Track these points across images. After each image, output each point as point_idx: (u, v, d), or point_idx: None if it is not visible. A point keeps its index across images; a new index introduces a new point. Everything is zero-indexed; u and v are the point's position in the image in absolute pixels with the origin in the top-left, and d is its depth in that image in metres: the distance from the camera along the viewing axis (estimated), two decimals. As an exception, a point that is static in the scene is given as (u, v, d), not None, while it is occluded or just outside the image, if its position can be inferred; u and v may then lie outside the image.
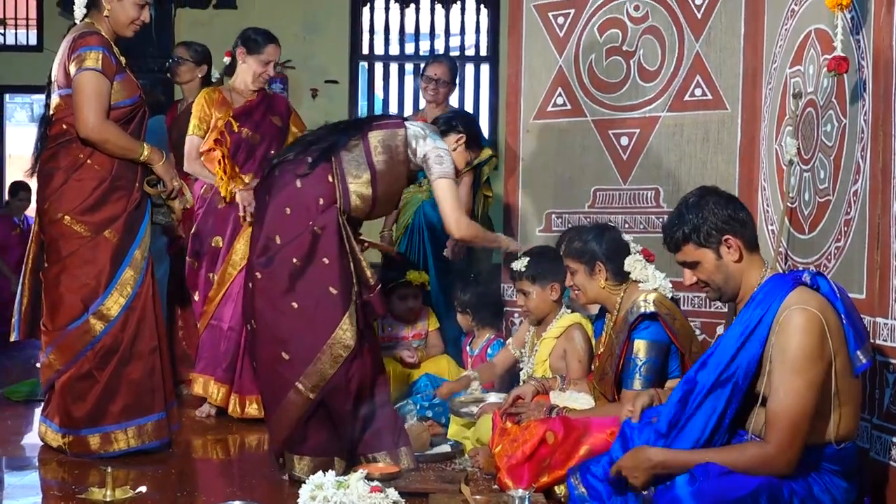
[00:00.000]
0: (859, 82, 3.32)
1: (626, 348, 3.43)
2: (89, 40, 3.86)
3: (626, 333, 3.43)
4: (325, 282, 3.60)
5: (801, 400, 2.58)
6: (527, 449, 3.33)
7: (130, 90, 3.96)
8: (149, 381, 3.96)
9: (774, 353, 2.63)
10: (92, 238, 3.87)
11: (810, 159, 3.69)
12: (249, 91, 4.95)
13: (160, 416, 3.98)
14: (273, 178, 3.76)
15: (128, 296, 3.90)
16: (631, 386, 3.37)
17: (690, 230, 2.84)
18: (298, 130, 5.00)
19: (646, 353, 3.38)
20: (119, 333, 3.89)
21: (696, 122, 4.65)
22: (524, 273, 4.11)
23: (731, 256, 2.82)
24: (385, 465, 3.64)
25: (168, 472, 3.80)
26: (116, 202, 3.91)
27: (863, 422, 3.19)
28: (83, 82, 3.82)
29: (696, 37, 4.66)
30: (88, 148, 3.87)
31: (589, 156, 4.98)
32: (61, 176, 3.87)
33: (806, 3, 3.83)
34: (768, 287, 2.74)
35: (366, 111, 8.89)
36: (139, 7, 3.96)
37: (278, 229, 3.65)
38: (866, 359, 2.69)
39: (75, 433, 3.90)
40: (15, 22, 9.08)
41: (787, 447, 2.59)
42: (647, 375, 3.37)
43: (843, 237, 3.39)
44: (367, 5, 8.80)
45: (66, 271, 3.87)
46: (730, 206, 2.85)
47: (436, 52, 8.86)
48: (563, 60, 5.07)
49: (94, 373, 3.88)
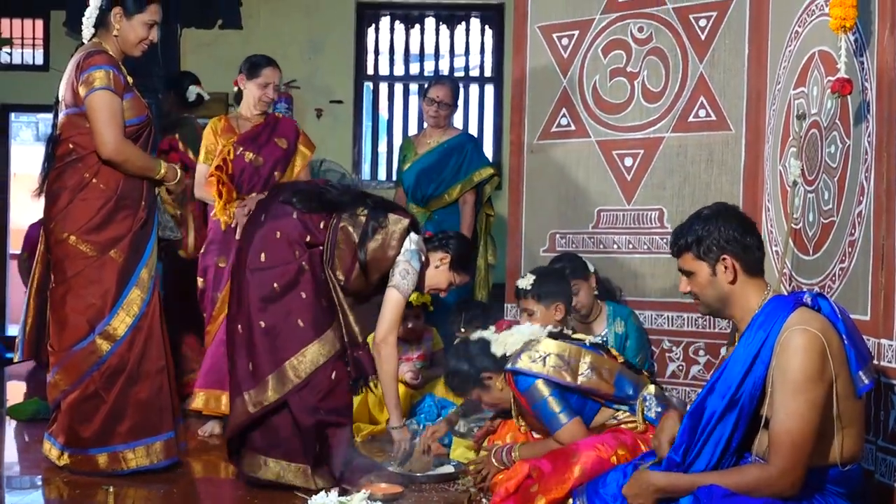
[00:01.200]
0: (863, 104, 3.32)
1: (525, 402, 3.53)
2: (97, 59, 3.86)
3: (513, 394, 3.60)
4: (296, 313, 3.71)
5: (803, 421, 2.57)
6: (510, 486, 3.33)
7: (138, 109, 3.97)
8: (157, 400, 3.94)
9: (776, 374, 2.62)
10: (98, 258, 3.86)
11: (814, 180, 3.69)
12: (255, 116, 5.02)
13: (169, 436, 3.97)
14: (273, 201, 3.87)
15: (135, 315, 3.89)
16: (558, 425, 3.44)
17: (693, 240, 2.85)
18: (308, 151, 5.09)
19: (542, 393, 3.45)
20: (126, 353, 3.88)
21: (700, 142, 4.66)
22: (529, 292, 4.11)
23: (725, 276, 2.82)
24: (388, 486, 3.63)
25: (170, 492, 3.78)
26: (122, 221, 3.90)
27: (867, 444, 3.18)
28: (98, 102, 3.82)
29: (700, 58, 4.68)
30: (94, 167, 3.87)
31: (593, 176, 4.99)
32: (67, 196, 3.86)
33: (810, 24, 3.84)
34: (769, 309, 2.73)
35: (370, 131, 8.92)
36: (148, 27, 3.97)
37: (266, 248, 3.75)
38: (869, 379, 2.68)
39: (82, 452, 3.89)
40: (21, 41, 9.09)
41: (790, 469, 2.58)
42: (562, 408, 3.44)
43: (848, 258, 3.39)
44: (372, 26, 8.83)
45: (72, 291, 3.86)
46: (739, 228, 2.84)
47: (440, 72, 8.89)
48: (567, 81, 5.08)
49: (100, 393, 3.86)
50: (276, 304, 3.71)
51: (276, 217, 3.80)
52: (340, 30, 8.64)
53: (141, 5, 3.93)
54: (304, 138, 5.12)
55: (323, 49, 8.53)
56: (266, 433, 3.76)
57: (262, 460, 3.75)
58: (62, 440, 3.92)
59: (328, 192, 3.90)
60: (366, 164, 8.86)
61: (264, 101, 4.99)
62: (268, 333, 3.71)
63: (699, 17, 4.70)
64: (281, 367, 3.67)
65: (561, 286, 4.12)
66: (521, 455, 3.51)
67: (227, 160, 4.85)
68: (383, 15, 8.85)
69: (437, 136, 5.78)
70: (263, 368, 3.69)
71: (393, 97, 8.93)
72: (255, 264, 3.75)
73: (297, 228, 3.78)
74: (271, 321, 3.71)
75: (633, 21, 4.89)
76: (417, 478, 3.86)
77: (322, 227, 3.80)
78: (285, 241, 3.75)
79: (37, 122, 17.10)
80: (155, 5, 3.98)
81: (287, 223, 3.78)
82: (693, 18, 4.72)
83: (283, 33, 8.44)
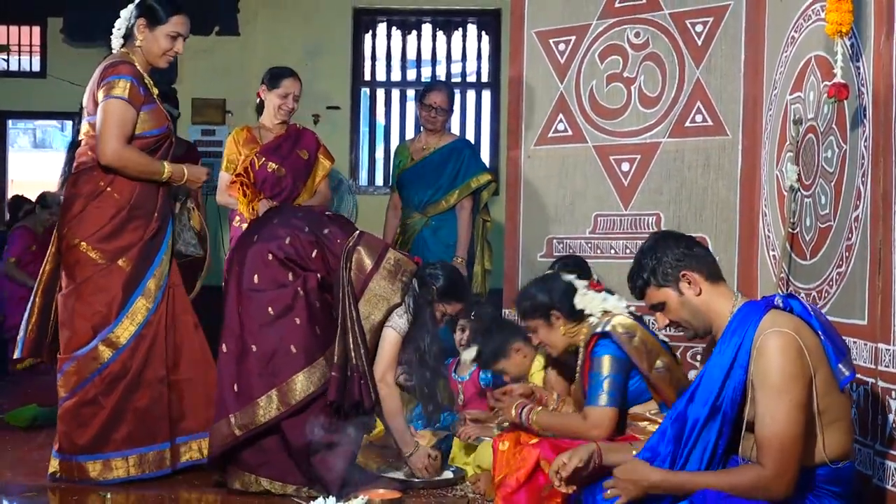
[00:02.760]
0: (859, 109, 3.33)
1: (588, 367, 3.42)
2: (120, 69, 3.91)
3: (585, 354, 3.46)
4: (289, 339, 3.74)
5: (789, 422, 2.57)
6: (521, 476, 3.29)
7: (158, 120, 4.01)
8: (155, 409, 3.96)
9: (756, 379, 2.63)
10: (106, 266, 3.89)
11: (811, 185, 3.70)
12: (276, 126, 5.10)
13: (163, 447, 3.98)
14: (267, 223, 3.95)
15: (138, 324, 3.92)
16: (596, 402, 3.33)
17: (648, 274, 2.88)
18: (329, 162, 5.20)
19: (608, 369, 3.35)
20: (128, 360, 3.90)
21: (697, 148, 4.66)
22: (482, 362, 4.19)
23: (691, 291, 2.84)
24: (386, 492, 3.62)
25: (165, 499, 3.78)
26: (133, 231, 3.94)
27: (865, 448, 3.18)
28: (108, 110, 3.86)
29: (697, 63, 4.69)
30: (109, 176, 3.91)
31: (590, 181, 4.99)
32: (81, 202, 3.91)
33: (806, 30, 3.85)
34: (741, 314, 2.75)
35: (367, 137, 8.92)
36: (171, 38, 4.02)
37: (258, 270, 3.81)
38: (849, 371, 2.69)
39: (73, 459, 3.89)
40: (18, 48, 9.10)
41: (782, 471, 2.57)
42: (611, 391, 3.33)
43: (845, 263, 3.39)
44: (369, 31, 8.84)
45: (79, 297, 3.90)
46: (681, 244, 2.89)
47: (437, 78, 8.89)
48: (563, 86, 5.09)
49: (99, 399, 3.88)
50: (271, 328, 3.74)
51: (266, 239, 3.86)
52: (337, 36, 8.65)
53: (164, 17, 4.00)
54: (323, 150, 5.22)
55: (320, 55, 8.54)
56: (256, 453, 3.77)
57: (253, 479, 3.77)
58: (57, 447, 3.91)
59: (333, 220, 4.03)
60: (363, 170, 8.87)
61: (284, 111, 5.07)
62: (260, 357, 3.73)
63: (695, 22, 4.71)
64: (269, 392, 3.69)
65: (503, 338, 4.11)
66: (538, 421, 3.44)
67: (249, 169, 4.93)
68: (380, 21, 8.86)
69: (433, 142, 5.78)
70: (252, 392, 3.71)
71: (390, 103, 8.94)
72: (249, 284, 3.80)
73: (287, 252, 3.82)
74: (264, 345, 3.73)
75: (629, 26, 4.90)
76: (416, 484, 3.86)
77: (314, 255, 3.85)
78: (276, 264, 3.80)
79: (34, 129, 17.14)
80: (179, 17, 4.03)
81: (278, 245, 3.83)
82: (689, 24, 4.72)
83: (280, 39, 8.45)
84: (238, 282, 3.82)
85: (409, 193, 5.75)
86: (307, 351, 3.74)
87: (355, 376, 3.74)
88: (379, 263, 3.86)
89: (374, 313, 3.86)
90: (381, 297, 3.85)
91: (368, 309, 3.85)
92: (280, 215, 4.04)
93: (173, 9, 4.02)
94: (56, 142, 16.05)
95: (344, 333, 3.76)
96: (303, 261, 3.84)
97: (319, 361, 3.75)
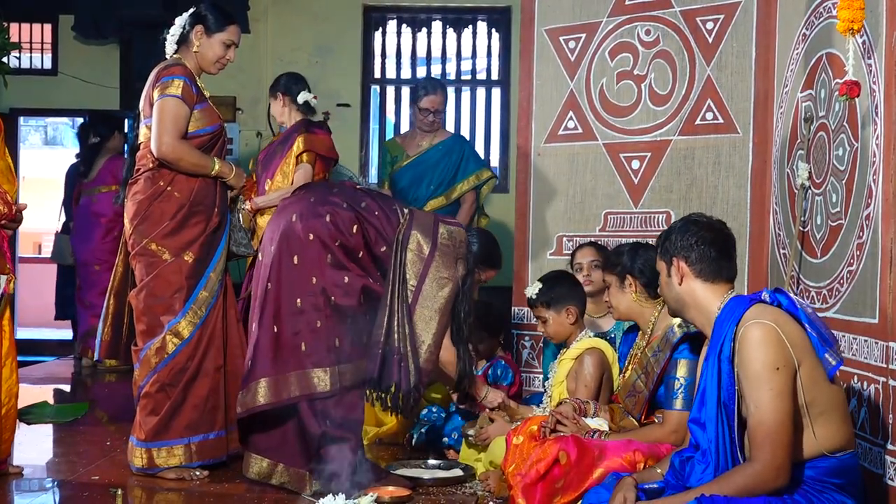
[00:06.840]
0: (871, 106, 3.32)
1: (667, 367, 3.41)
2: (173, 70, 4.07)
3: (667, 353, 3.42)
4: (304, 334, 3.72)
5: (771, 410, 2.58)
6: (541, 468, 3.28)
7: (210, 119, 4.16)
8: (213, 398, 4.10)
9: (740, 371, 2.66)
10: (173, 261, 4.04)
11: (822, 183, 3.69)
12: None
13: (220, 434, 4.12)
14: (304, 200, 3.90)
15: (201, 316, 4.06)
16: (672, 406, 3.35)
17: (661, 240, 2.99)
18: (305, 146, 5.14)
19: (688, 373, 3.35)
20: (192, 351, 4.04)
21: (708, 145, 4.66)
22: (538, 299, 4.10)
23: (674, 277, 2.90)
24: (396, 489, 3.63)
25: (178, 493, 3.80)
26: (195, 226, 4.08)
27: (875, 447, 3.17)
28: (163, 107, 4.01)
29: (708, 61, 4.68)
30: (169, 176, 4.06)
31: (600, 179, 4.99)
32: (145, 203, 4.05)
33: (817, 27, 3.84)
34: (728, 309, 2.78)
35: (377, 134, 8.93)
36: (226, 46, 4.19)
37: (299, 252, 3.75)
38: (836, 360, 2.69)
39: (148, 446, 4.02)
40: (30, 46, 9.13)
41: (771, 459, 2.57)
42: (687, 395, 3.34)
43: (856, 261, 3.38)
44: (379, 29, 8.85)
45: (150, 292, 4.05)
46: (703, 237, 2.88)
47: (447, 76, 8.89)
48: (574, 84, 5.09)
49: (166, 388, 4.02)
50: (294, 318, 3.72)
51: (307, 218, 3.79)
52: (347, 34, 8.67)
53: (221, 25, 4.17)
54: (307, 137, 5.18)
55: (330, 53, 8.56)
56: (268, 435, 3.79)
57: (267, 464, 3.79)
58: (136, 435, 4.06)
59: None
60: (373, 168, 8.87)
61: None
62: (274, 340, 3.72)
63: (706, 19, 4.70)
64: (277, 377, 3.69)
65: (569, 289, 4.09)
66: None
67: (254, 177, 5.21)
68: (390, 18, 8.87)
69: (428, 139, 5.81)
70: (256, 371, 3.72)
71: (400, 100, 8.95)
72: (288, 265, 3.76)
73: (329, 231, 3.76)
74: (283, 330, 3.72)
75: (640, 24, 4.90)
76: (425, 481, 3.87)
77: (355, 230, 3.79)
78: (318, 244, 3.74)
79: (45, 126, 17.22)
80: (234, 27, 4.22)
81: (321, 224, 3.77)
82: (700, 21, 4.72)
83: (291, 37, 8.47)
84: (279, 261, 3.77)
85: (407, 189, 5.75)
86: (316, 353, 3.71)
87: (395, 358, 3.73)
88: (435, 244, 3.83)
89: (441, 293, 3.83)
90: (446, 279, 3.84)
91: (435, 289, 3.83)
92: (315, 193, 3.97)
93: (229, 19, 4.22)
94: (67, 139, 16.10)
95: (390, 315, 3.75)
96: (344, 237, 3.77)
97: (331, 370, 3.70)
